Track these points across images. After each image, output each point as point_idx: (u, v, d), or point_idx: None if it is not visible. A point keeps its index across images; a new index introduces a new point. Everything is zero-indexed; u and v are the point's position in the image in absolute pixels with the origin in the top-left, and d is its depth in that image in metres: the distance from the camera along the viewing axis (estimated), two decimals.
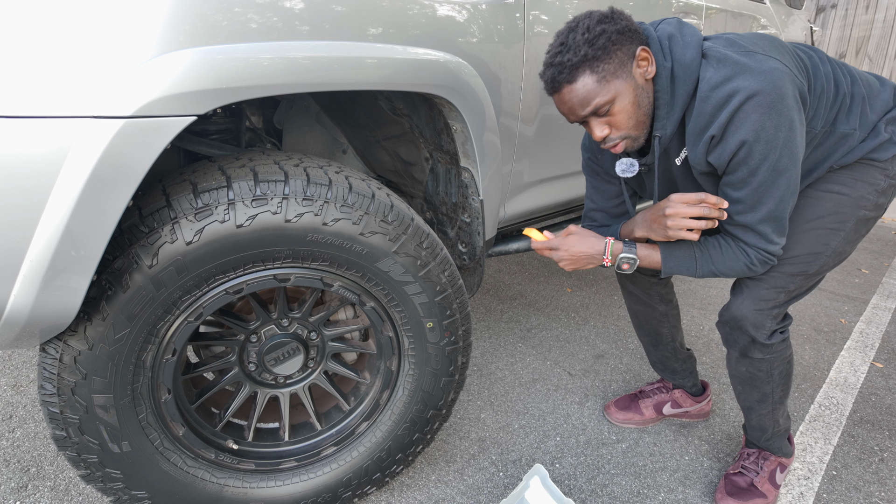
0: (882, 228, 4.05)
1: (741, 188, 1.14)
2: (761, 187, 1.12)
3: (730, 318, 1.34)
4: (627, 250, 1.28)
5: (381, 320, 1.27)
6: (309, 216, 1.05)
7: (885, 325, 2.52)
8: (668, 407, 1.78)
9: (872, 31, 4.76)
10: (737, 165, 1.11)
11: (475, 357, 2.14)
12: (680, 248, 1.27)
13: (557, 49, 1.11)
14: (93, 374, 1.00)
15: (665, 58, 1.13)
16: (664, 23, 1.19)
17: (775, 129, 1.06)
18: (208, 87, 0.88)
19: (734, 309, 1.32)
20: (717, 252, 1.23)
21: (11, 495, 1.42)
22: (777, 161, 1.09)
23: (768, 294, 1.29)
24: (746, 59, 1.08)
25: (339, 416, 1.38)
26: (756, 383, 1.40)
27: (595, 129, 1.15)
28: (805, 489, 1.55)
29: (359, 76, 1.08)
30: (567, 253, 1.30)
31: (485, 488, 1.51)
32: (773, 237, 1.19)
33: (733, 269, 1.24)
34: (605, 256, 1.29)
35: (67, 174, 0.80)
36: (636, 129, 1.16)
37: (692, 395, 1.79)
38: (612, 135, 1.16)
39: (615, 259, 1.29)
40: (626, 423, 1.77)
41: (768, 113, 1.05)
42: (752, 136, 1.07)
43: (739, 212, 1.17)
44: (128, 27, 0.82)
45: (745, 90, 1.05)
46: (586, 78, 1.09)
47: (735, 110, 1.06)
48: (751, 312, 1.30)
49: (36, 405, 1.75)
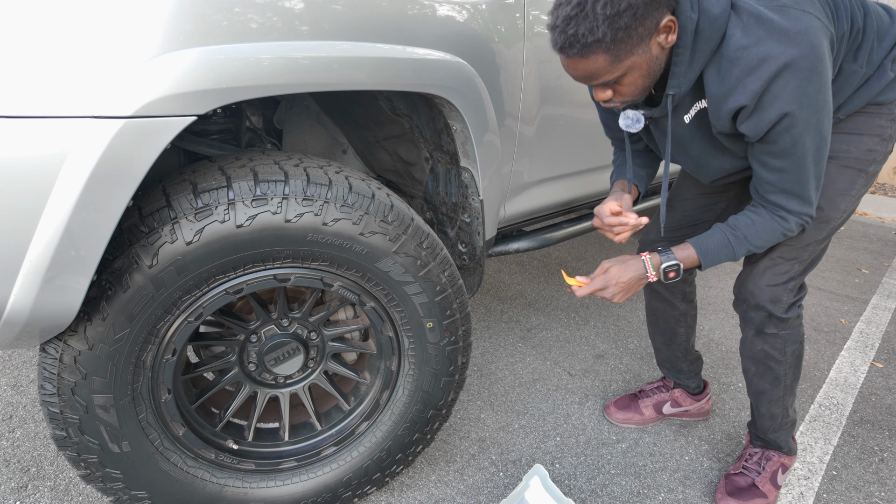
0: (882, 228, 4.05)
1: (785, 157, 1.07)
2: (807, 154, 1.06)
3: (747, 294, 1.33)
4: (666, 258, 1.23)
5: (381, 320, 1.27)
6: (309, 216, 1.05)
7: (885, 325, 2.52)
8: (668, 406, 1.78)
9: None
10: (779, 135, 1.04)
11: (475, 357, 2.14)
12: (711, 239, 1.22)
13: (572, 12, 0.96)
14: (93, 374, 1.00)
15: (692, 8, 1.01)
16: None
17: (816, 92, 0.99)
18: (208, 87, 0.88)
19: (751, 286, 1.32)
20: (750, 229, 1.18)
21: (11, 495, 1.42)
22: (819, 124, 1.03)
23: (784, 267, 1.28)
24: (780, 18, 0.97)
25: (339, 416, 1.38)
26: (770, 363, 1.39)
27: (597, 91, 1.08)
28: (805, 489, 1.55)
29: (359, 76, 1.07)
30: (616, 287, 1.24)
31: (485, 488, 1.51)
32: (814, 198, 1.14)
33: (770, 240, 1.19)
34: (649, 273, 1.24)
35: (67, 174, 0.80)
36: (641, 96, 1.09)
37: (692, 395, 1.79)
38: (615, 99, 1.09)
39: (659, 271, 1.24)
40: (626, 423, 1.77)
41: (808, 77, 0.98)
42: (795, 106, 0.99)
43: (784, 180, 1.10)
44: (128, 27, 0.82)
45: (781, 57, 0.96)
46: (599, 57, 0.99)
47: (770, 79, 0.98)
48: (768, 288, 1.30)
49: (36, 405, 1.75)
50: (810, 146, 1.06)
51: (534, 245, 1.89)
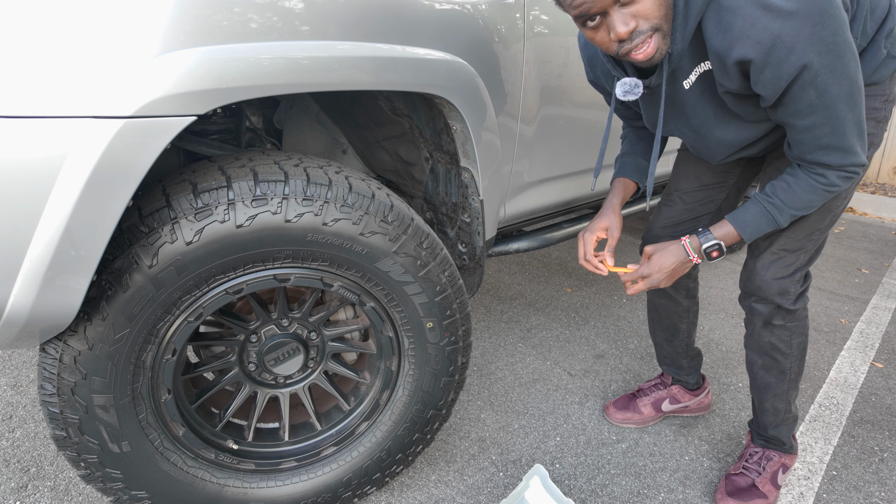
0: (882, 228, 4.05)
1: (813, 112, 1.00)
2: (837, 103, 0.98)
3: (755, 289, 1.34)
4: (706, 239, 1.22)
5: (381, 320, 1.27)
6: (309, 216, 1.05)
7: (885, 325, 2.52)
8: (666, 403, 1.78)
9: None
10: (801, 90, 0.97)
11: (475, 357, 2.14)
12: (748, 211, 1.19)
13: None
14: (93, 374, 1.00)
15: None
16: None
17: (833, 34, 0.92)
18: (208, 87, 0.88)
19: (758, 280, 1.32)
20: (787, 193, 1.14)
21: (11, 495, 1.42)
22: (845, 68, 0.95)
23: (789, 259, 1.28)
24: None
25: (339, 416, 1.38)
26: (776, 356, 1.40)
27: (618, 22, 0.95)
28: (805, 489, 1.55)
29: (359, 76, 1.07)
30: (660, 273, 1.25)
31: (485, 488, 1.51)
32: (858, 147, 1.06)
33: (814, 200, 1.13)
34: (692, 256, 1.24)
35: (67, 174, 0.80)
36: (667, 21, 0.97)
37: (690, 391, 1.79)
38: (641, 26, 0.96)
39: (701, 253, 1.23)
40: (626, 423, 1.77)
41: (822, 21, 0.90)
42: (813, 54, 0.92)
43: (818, 136, 1.03)
44: (128, 27, 0.82)
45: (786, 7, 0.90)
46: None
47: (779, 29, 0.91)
48: (775, 282, 1.30)
49: (36, 405, 1.75)
50: (840, 93, 0.98)
51: (534, 245, 1.89)
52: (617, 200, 1.39)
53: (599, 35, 1.00)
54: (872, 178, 5.00)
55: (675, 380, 1.79)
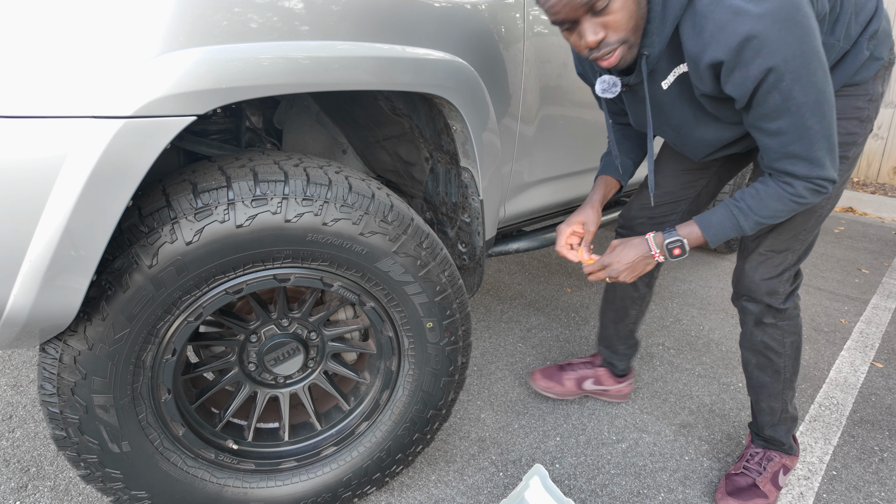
0: (882, 228, 4.05)
1: (779, 117, 1.01)
2: (803, 110, 1.00)
3: (744, 290, 1.36)
4: (669, 235, 1.23)
5: (380, 320, 1.27)
6: (309, 216, 1.05)
7: (885, 325, 2.52)
8: (589, 383, 1.82)
9: None
10: (766, 93, 0.99)
11: (475, 357, 2.14)
12: (714, 214, 1.20)
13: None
14: (92, 374, 1.00)
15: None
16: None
17: (800, 41, 0.94)
18: (208, 87, 0.88)
19: (747, 281, 1.34)
20: (754, 200, 1.14)
21: (11, 495, 1.42)
22: (812, 75, 0.97)
23: (776, 260, 1.29)
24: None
25: (339, 416, 1.38)
26: (770, 355, 1.41)
27: (588, 31, 0.99)
28: (805, 489, 1.55)
29: (359, 76, 1.07)
30: (621, 264, 1.27)
31: (485, 488, 1.51)
32: (826, 161, 1.06)
33: (780, 210, 1.13)
34: (653, 251, 1.25)
35: (67, 174, 0.80)
36: (635, 34, 1.02)
37: (615, 376, 1.84)
38: (609, 38, 1.00)
39: (663, 248, 1.24)
40: (547, 392, 1.82)
41: (788, 27, 0.93)
42: (779, 58, 0.94)
43: (785, 143, 1.04)
44: (128, 27, 0.82)
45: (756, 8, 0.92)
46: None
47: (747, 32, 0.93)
48: (764, 283, 1.32)
49: (36, 405, 1.75)
50: (806, 101, 0.99)
51: (534, 245, 1.89)
52: (597, 197, 1.42)
53: (573, 38, 1.04)
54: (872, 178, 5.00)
55: (605, 362, 1.83)
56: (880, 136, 4.88)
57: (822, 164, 1.06)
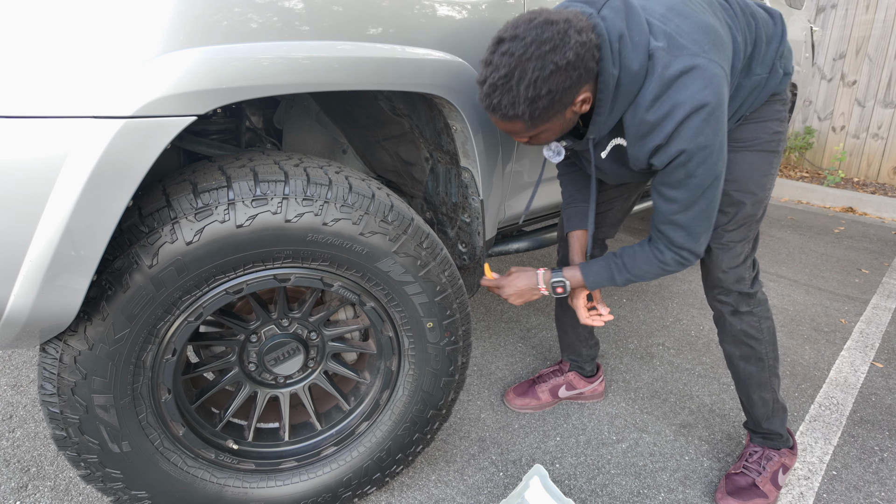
0: (882, 228, 4.05)
1: (677, 188, 1.17)
2: (697, 189, 1.16)
3: (715, 282, 1.44)
4: (555, 275, 1.40)
5: (381, 320, 1.27)
6: (309, 216, 1.06)
7: (885, 325, 2.52)
8: (563, 390, 1.86)
9: (872, 31, 4.76)
10: (675, 168, 1.14)
11: (475, 357, 2.14)
12: (597, 263, 1.37)
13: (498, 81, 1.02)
14: (93, 374, 1.00)
15: (614, 64, 1.07)
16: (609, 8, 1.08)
17: (713, 134, 1.10)
18: (209, 87, 0.88)
19: (717, 273, 1.42)
20: (630, 259, 1.32)
21: (11, 495, 1.42)
22: (714, 164, 1.14)
23: (738, 249, 1.39)
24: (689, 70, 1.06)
25: (339, 416, 1.38)
26: (751, 342, 1.47)
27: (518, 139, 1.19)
28: (805, 489, 1.55)
29: (359, 76, 1.08)
30: (511, 289, 1.44)
31: (485, 488, 1.51)
32: (701, 237, 1.24)
33: (648, 272, 1.31)
34: (540, 286, 1.42)
35: (67, 174, 0.80)
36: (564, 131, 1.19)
37: (585, 377, 1.87)
38: (531, 143, 1.20)
39: (548, 285, 1.41)
40: (525, 409, 1.84)
41: (708, 121, 1.08)
42: (693, 145, 1.09)
43: (674, 211, 1.20)
44: (129, 27, 0.82)
45: (689, 103, 1.06)
46: (517, 124, 1.10)
47: (680, 122, 1.08)
48: (732, 273, 1.40)
49: (36, 405, 1.75)
50: (702, 183, 1.15)
51: (534, 245, 1.89)
52: (577, 252, 1.51)
53: None
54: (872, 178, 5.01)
55: (573, 366, 1.87)
56: (880, 136, 4.88)
57: (697, 239, 1.23)
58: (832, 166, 5.10)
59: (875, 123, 4.87)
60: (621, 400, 1.91)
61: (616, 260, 1.34)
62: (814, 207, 4.59)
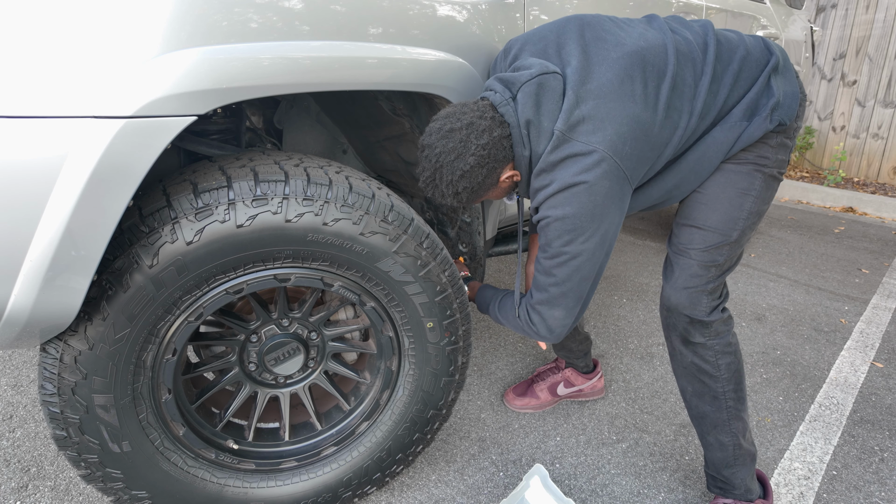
0: (882, 228, 4.05)
1: (543, 251, 1.19)
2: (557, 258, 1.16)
3: (665, 301, 1.32)
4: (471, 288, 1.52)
5: (381, 320, 1.27)
6: (309, 216, 1.06)
7: (885, 325, 2.52)
8: (561, 387, 1.85)
9: (872, 31, 4.76)
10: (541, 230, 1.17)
11: (475, 357, 2.14)
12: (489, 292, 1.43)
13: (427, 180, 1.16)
14: (93, 373, 1.01)
15: (524, 146, 1.14)
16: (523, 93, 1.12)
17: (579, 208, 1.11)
18: (209, 87, 0.88)
19: (668, 292, 1.31)
20: (503, 304, 1.35)
21: (12, 495, 1.42)
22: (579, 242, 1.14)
23: (698, 271, 1.27)
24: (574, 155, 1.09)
25: (340, 415, 1.38)
26: (704, 379, 1.33)
27: None
28: (805, 489, 1.55)
29: (359, 76, 1.08)
30: None
31: (485, 488, 1.51)
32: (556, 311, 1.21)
33: (510, 323, 1.33)
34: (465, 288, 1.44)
35: (68, 174, 0.80)
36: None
37: (583, 374, 1.86)
38: None
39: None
40: (525, 409, 1.83)
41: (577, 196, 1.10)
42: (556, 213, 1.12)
43: (539, 270, 1.21)
44: (129, 28, 0.82)
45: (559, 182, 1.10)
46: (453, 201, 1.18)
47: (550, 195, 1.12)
48: (685, 293, 1.28)
49: (36, 405, 1.75)
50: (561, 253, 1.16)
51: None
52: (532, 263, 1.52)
53: None
54: (872, 178, 5.01)
55: (568, 363, 1.86)
56: (880, 136, 4.88)
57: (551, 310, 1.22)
58: (832, 166, 5.10)
59: (875, 123, 4.87)
60: (621, 400, 1.91)
61: (498, 299, 1.38)
62: (814, 207, 4.59)
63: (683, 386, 1.39)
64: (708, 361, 1.32)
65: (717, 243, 1.25)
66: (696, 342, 1.31)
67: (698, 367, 1.33)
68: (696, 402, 1.38)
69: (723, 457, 1.38)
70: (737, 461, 1.37)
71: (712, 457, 1.40)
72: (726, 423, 1.35)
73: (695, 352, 1.32)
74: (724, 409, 1.35)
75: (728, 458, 1.37)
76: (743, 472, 1.38)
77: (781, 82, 1.21)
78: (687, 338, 1.32)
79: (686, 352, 1.34)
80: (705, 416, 1.37)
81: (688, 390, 1.39)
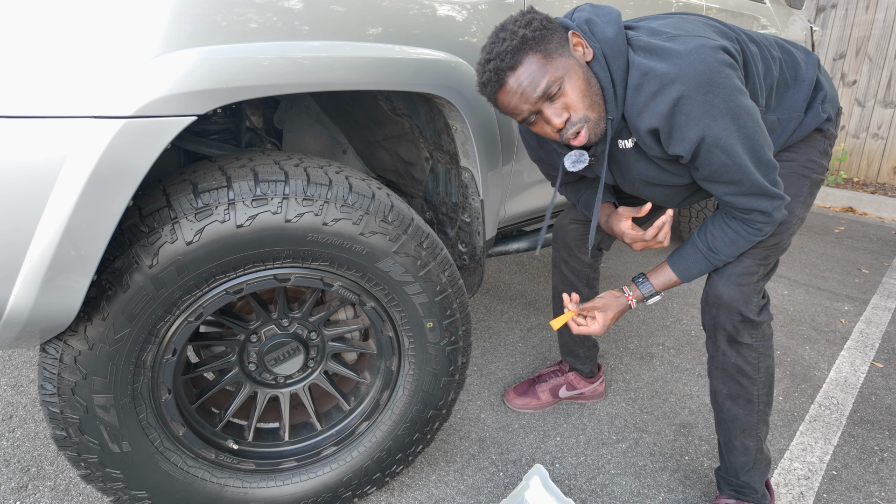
0: (882, 228, 4.05)
1: (725, 173, 1.10)
2: (744, 163, 1.08)
3: (716, 298, 1.27)
4: (646, 290, 1.33)
5: (381, 320, 1.27)
6: (309, 216, 1.06)
7: (885, 325, 2.52)
8: (563, 390, 1.85)
9: (872, 31, 4.76)
10: (708, 155, 1.08)
11: (475, 357, 2.14)
12: (686, 255, 1.28)
13: (493, 40, 1.08)
14: (93, 373, 1.01)
15: (593, 38, 1.11)
16: (578, 11, 1.18)
17: (725, 101, 1.03)
18: (209, 87, 0.88)
19: (720, 288, 1.26)
20: (720, 241, 1.22)
21: (11, 495, 1.42)
22: (742, 128, 1.06)
23: (750, 268, 1.25)
24: (672, 45, 1.06)
25: (340, 416, 1.38)
26: (743, 381, 1.30)
27: (552, 116, 1.09)
28: (805, 489, 1.55)
29: (359, 76, 1.08)
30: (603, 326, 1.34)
31: (485, 488, 1.51)
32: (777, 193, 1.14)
33: (742, 246, 1.22)
34: (632, 305, 1.36)
35: (68, 174, 0.80)
36: (593, 111, 1.11)
37: (585, 378, 1.86)
38: (573, 118, 1.10)
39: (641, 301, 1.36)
40: (525, 409, 1.83)
41: (711, 91, 1.02)
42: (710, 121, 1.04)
43: (735, 193, 1.13)
44: (129, 27, 0.82)
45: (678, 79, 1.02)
46: (531, 58, 1.05)
47: (674, 101, 1.03)
48: (737, 289, 1.24)
49: (36, 405, 1.75)
50: (746, 152, 1.08)
51: (533, 245, 1.89)
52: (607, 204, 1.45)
53: (540, 128, 1.15)
54: (872, 178, 5.00)
55: (572, 367, 1.85)
56: (880, 136, 4.88)
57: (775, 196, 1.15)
58: (833, 166, 5.10)
59: (875, 123, 4.87)
60: (621, 400, 1.91)
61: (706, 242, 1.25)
62: (814, 207, 4.59)
63: (717, 388, 1.35)
64: (750, 363, 1.29)
65: (769, 244, 1.26)
66: (744, 342, 1.28)
67: (740, 368, 1.30)
68: (730, 405, 1.34)
69: (745, 461, 1.36)
70: (756, 465, 1.36)
71: (735, 461, 1.37)
72: (754, 427, 1.34)
73: (739, 352, 1.29)
74: (756, 412, 1.33)
75: (749, 462, 1.36)
76: (758, 475, 1.37)
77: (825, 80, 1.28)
78: (735, 337, 1.28)
79: (731, 352, 1.29)
80: (736, 419, 1.34)
81: (722, 392, 1.34)
